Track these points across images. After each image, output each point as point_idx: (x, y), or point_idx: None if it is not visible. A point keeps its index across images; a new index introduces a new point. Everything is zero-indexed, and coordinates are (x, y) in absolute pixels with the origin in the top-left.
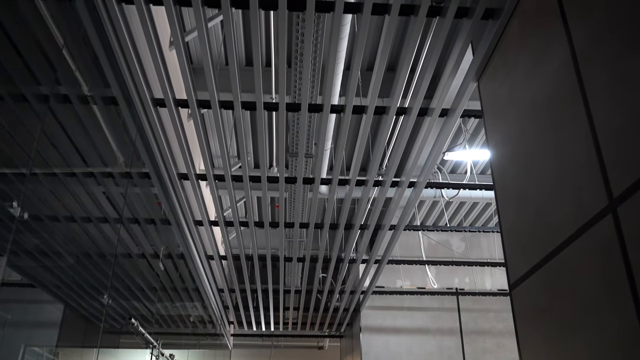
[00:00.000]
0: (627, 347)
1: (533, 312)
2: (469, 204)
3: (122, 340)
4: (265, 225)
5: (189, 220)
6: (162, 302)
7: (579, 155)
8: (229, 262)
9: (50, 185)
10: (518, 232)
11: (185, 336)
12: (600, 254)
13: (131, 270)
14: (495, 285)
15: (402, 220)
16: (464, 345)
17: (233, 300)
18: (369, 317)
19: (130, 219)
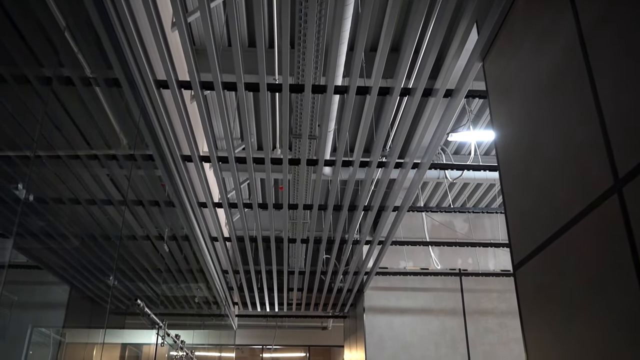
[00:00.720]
0: (631, 326)
1: (537, 292)
2: (473, 185)
3: (128, 321)
4: (269, 207)
5: (192, 202)
6: (167, 284)
7: (584, 135)
8: (233, 243)
9: (54, 167)
10: (522, 213)
11: (190, 317)
12: (605, 234)
13: (136, 252)
14: (498, 266)
15: (405, 202)
16: (466, 325)
17: (237, 282)
18: (373, 297)
19: (135, 201)
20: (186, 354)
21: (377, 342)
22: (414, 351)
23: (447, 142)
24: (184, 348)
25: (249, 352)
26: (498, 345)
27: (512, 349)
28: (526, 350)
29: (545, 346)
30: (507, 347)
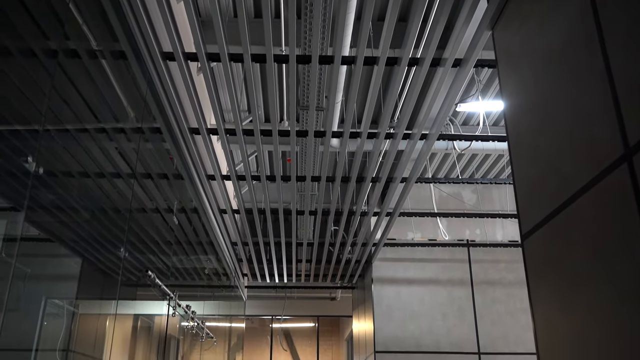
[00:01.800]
0: (637, 297)
1: (544, 262)
2: (481, 156)
3: (139, 293)
4: (277, 179)
5: (201, 175)
6: (177, 256)
7: (595, 103)
8: (242, 215)
9: (63, 141)
10: (531, 183)
11: (200, 288)
12: (614, 204)
13: (146, 224)
14: (506, 237)
15: (413, 173)
16: (474, 295)
17: (246, 253)
18: (381, 268)
19: (143, 174)
20: (197, 324)
21: (385, 312)
22: (422, 321)
23: (455, 113)
24: (194, 318)
25: (259, 323)
26: (505, 315)
27: (520, 318)
28: (533, 320)
29: (552, 315)
30: (515, 317)
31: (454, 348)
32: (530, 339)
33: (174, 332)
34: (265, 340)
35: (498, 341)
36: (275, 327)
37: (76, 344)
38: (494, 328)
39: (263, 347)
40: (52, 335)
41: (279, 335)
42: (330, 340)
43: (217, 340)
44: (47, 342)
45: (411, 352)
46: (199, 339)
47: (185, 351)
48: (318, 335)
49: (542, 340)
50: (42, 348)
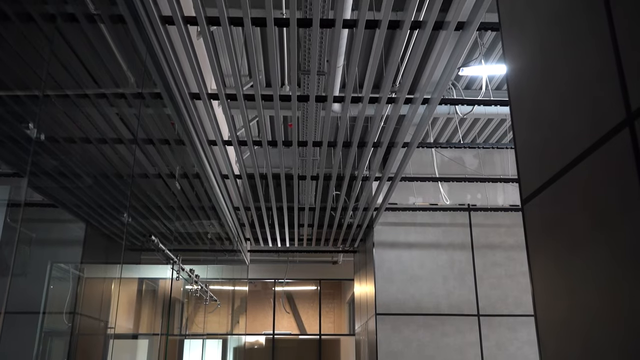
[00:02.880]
0: (634, 260)
1: (544, 226)
2: (484, 121)
3: (143, 257)
4: (279, 144)
5: (202, 140)
6: (180, 221)
7: (597, 67)
8: (244, 181)
9: (64, 107)
10: (532, 147)
11: (203, 253)
12: (614, 168)
13: (149, 190)
14: (507, 201)
15: (415, 138)
16: (474, 259)
17: (249, 218)
18: (382, 232)
19: (145, 140)
20: (201, 287)
21: (387, 275)
22: (423, 284)
23: (458, 77)
24: (198, 282)
25: (262, 286)
26: (505, 277)
27: (519, 281)
28: (532, 283)
29: (550, 278)
30: (514, 280)
31: (453, 310)
32: (529, 301)
33: (178, 295)
34: (268, 303)
35: (497, 303)
36: (277, 291)
37: (82, 307)
38: (494, 291)
39: (266, 310)
40: (58, 299)
41: (282, 298)
42: (332, 303)
43: (221, 303)
44: (54, 305)
45: (411, 314)
46: (202, 302)
47: (189, 314)
48: (320, 298)
49: (540, 302)
50: (49, 311)
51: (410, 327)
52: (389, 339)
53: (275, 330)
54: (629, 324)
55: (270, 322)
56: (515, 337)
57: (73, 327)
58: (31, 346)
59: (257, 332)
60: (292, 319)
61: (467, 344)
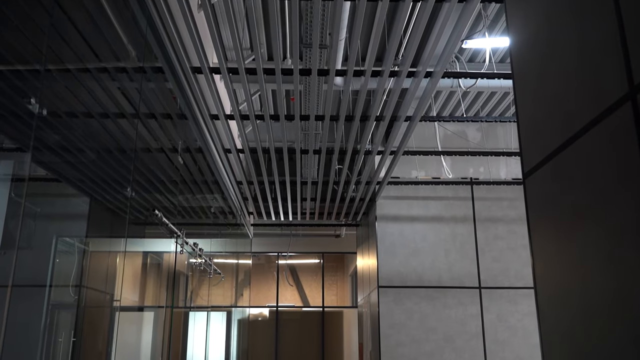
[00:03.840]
0: (633, 234)
1: (545, 199)
2: (487, 94)
3: (147, 231)
4: (281, 118)
5: (204, 115)
6: (184, 195)
7: (601, 41)
8: (246, 155)
9: (65, 81)
10: (534, 121)
11: (207, 226)
12: (615, 143)
13: (152, 164)
14: (510, 175)
15: (418, 111)
16: (476, 232)
17: (252, 192)
18: (385, 206)
19: (147, 114)
20: (205, 261)
21: (389, 248)
22: (425, 257)
23: (461, 50)
24: (202, 255)
25: (265, 259)
26: (506, 250)
27: (520, 254)
28: (532, 256)
29: (550, 251)
30: (515, 253)
31: (455, 283)
32: (530, 274)
33: (183, 268)
34: (272, 276)
35: (499, 276)
36: (281, 264)
37: (88, 280)
38: (495, 263)
39: (270, 283)
40: (64, 272)
41: (285, 271)
42: (335, 275)
43: (225, 276)
44: (60, 278)
45: (413, 286)
46: (207, 275)
47: (194, 286)
48: (323, 271)
49: (540, 276)
50: (55, 284)
51: (412, 300)
52: (391, 311)
53: (278, 303)
54: (629, 297)
55: (274, 294)
56: (515, 309)
57: (79, 300)
58: (39, 318)
59: (261, 304)
60: (296, 292)
61: (468, 316)
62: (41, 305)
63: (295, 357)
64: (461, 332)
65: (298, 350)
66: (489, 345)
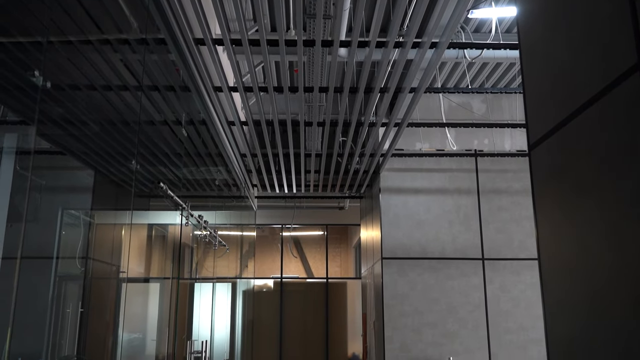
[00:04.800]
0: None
1: (550, 171)
2: (492, 65)
3: (152, 203)
4: (285, 90)
5: (208, 87)
6: (188, 168)
7: (610, 11)
8: (250, 127)
9: (68, 54)
10: (541, 92)
11: (212, 199)
12: (623, 114)
13: (156, 137)
14: (515, 147)
15: (422, 83)
16: (480, 204)
17: (255, 164)
18: (388, 178)
19: (150, 87)
20: (210, 233)
21: (393, 220)
22: (428, 229)
23: (467, 20)
24: (207, 228)
25: (269, 231)
26: (510, 222)
27: (524, 225)
28: (537, 228)
29: (554, 222)
30: (519, 224)
31: (458, 254)
32: (534, 245)
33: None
34: (276, 248)
35: (502, 247)
36: (285, 236)
37: (94, 252)
38: (499, 235)
39: (274, 255)
40: (71, 244)
41: (289, 243)
42: (339, 247)
43: (230, 248)
44: (67, 251)
45: (417, 258)
46: (212, 247)
47: (199, 258)
48: (327, 243)
49: (544, 247)
50: (62, 256)
51: (415, 271)
52: (394, 282)
53: (283, 274)
54: (633, 269)
55: (278, 266)
56: (519, 280)
57: (86, 272)
58: (47, 289)
59: (266, 276)
60: (300, 263)
61: (471, 287)
62: (49, 277)
63: (300, 327)
64: (464, 303)
65: (302, 321)
66: (491, 316)
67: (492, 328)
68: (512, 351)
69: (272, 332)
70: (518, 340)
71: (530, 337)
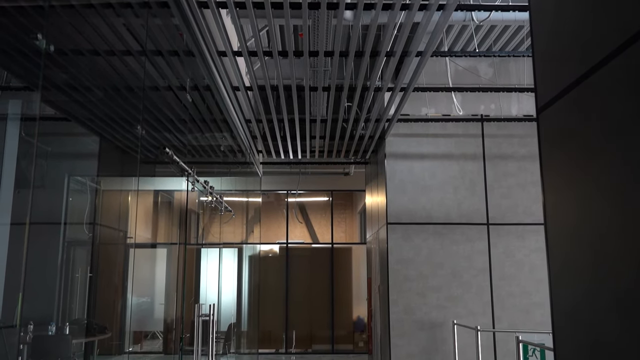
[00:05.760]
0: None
1: (559, 135)
2: (500, 28)
3: (158, 169)
4: (289, 55)
5: (212, 51)
6: (193, 134)
7: None
8: (255, 92)
9: (70, 18)
10: (551, 54)
11: (217, 165)
12: (634, 76)
13: (160, 103)
14: (521, 111)
15: (429, 46)
16: (486, 169)
17: (260, 130)
18: (394, 144)
19: (154, 51)
20: (215, 198)
21: (398, 186)
22: (433, 194)
23: None
24: (213, 193)
25: (274, 197)
26: (516, 187)
27: (530, 191)
28: (543, 192)
29: (562, 187)
30: (525, 190)
31: (463, 219)
32: (538, 211)
33: (194, 206)
34: (282, 214)
35: (507, 212)
36: (290, 202)
37: (102, 218)
38: (504, 200)
39: (279, 220)
40: (78, 210)
41: (295, 209)
42: (344, 213)
43: (235, 213)
44: (74, 216)
45: (422, 223)
46: (218, 212)
47: (205, 224)
48: (332, 208)
49: (550, 211)
50: (70, 222)
51: (420, 236)
52: (399, 247)
53: (288, 240)
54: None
55: (284, 231)
56: (523, 245)
57: (94, 237)
58: (56, 254)
59: (271, 241)
60: (305, 229)
61: (476, 252)
62: (57, 242)
63: (306, 291)
64: (468, 268)
65: (308, 285)
66: (495, 280)
67: (496, 292)
68: (515, 314)
69: (278, 296)
70: (521, 304)
71: (533, 301)
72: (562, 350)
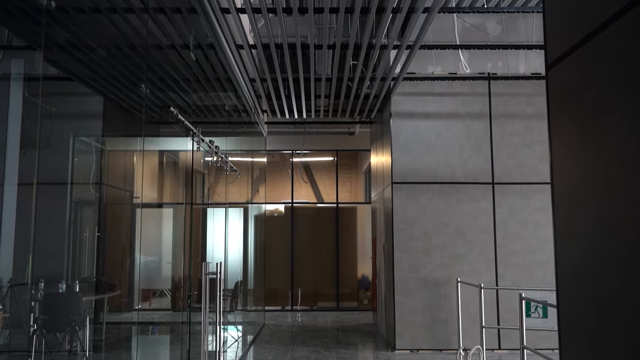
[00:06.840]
0: None
1: (568, 91)
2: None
3: (163, 130)
4: (294, 11)
5: (215, 8)
6: (197, 93)
7: None
8: (259, 51)
9: None
10: (561, 10)
11: (222, 125)
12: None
13: (164, 62)
14: (529, 69)
15: (436, 2)
16: (492, 128)
17: (265, 90)
18: (399, 103)
19: (156, 9)
20: (221, 158)
21: (403, 145)
22: (439, 153)
23: None
24: (218, 153)
25: (279, 157)
26: (522, 146)
27: (536, 150)
28: (551, 150)
29: (569, 143)
30: (531, 149)
31: (468, 179)
32: (544, 170)
33: (199, 166)
34: (287, 174)
35: (512, 172)
36: (295, 161)
37: (108, 178)
38: (510, 159)
39: (284, 180)
40: (84, 170)
41: (300, 169)
42: (349, 173)
43: (241, 173)
44: (81, 177)
45: (427, 182)
46: (223, 172)
47: (211, 183)
48: (337, 168)
49: (557, 170)
50: (76, 182)
51: (425, 195)
52: (404, 206)
53: (293, 199)
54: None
55: (289, 191)
56: (527, 204)
57: (100, 197)
58: (63, 214)
59: (277, 201)
60: (310, 189)
61: (481, 211)
62: (65, 202)
63: (311, 250)
64: (472, 226)
65: (313, 244)
66: (499, 239)
67: (500, 250)
68: (519, 272)
69: (283, 255)
70: (524, 262)
71: (536, 259)
72: (565, 306)
